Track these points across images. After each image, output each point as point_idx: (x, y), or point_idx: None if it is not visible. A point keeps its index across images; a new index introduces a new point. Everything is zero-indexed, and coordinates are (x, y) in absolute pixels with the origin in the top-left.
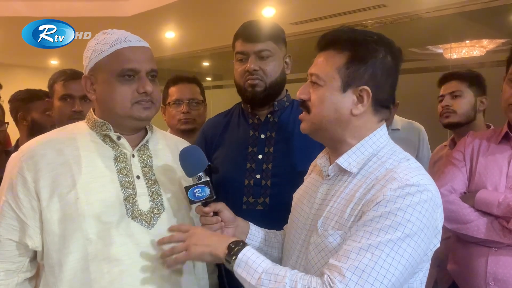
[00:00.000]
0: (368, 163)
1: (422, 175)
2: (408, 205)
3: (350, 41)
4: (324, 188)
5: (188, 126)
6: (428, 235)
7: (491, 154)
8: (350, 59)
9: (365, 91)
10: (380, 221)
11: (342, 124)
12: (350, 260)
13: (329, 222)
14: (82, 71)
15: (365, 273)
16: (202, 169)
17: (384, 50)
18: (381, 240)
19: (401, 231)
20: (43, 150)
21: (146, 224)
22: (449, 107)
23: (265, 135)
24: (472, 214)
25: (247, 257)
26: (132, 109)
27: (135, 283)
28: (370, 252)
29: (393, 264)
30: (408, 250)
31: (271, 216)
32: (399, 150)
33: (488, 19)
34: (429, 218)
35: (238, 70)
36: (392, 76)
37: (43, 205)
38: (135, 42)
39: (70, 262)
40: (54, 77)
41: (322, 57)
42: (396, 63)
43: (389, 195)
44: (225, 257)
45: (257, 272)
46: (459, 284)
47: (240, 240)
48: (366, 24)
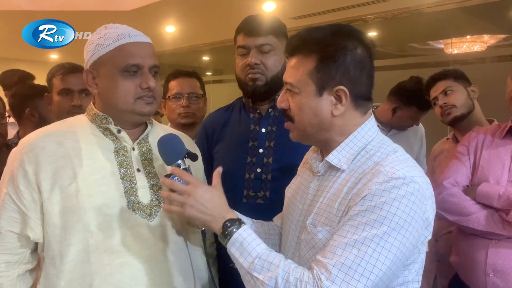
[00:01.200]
0: (356, 157)
1: (409, 167)
2: (394, 199)
3: (316, 42)
4: (315, 184)
5: (188, 120)
6: (416, 228)
7: (494, 148)
8: (319, 61)
9: (341, 90)
10: (365, 216)
11: (325, 127)
12: (336, 256)
13: (319, 219)
14: (80, 65)
15: (351, 269)
16: (180, 157)
17: (353, 43)
18: (367, 235)
19: (387, 225)
20: (43, 142)
21: (146, 216)
22: (447, 104)
23: (266, 129)
24: (473, 207)
25: (242, 237)
26: (135, 104)
27: (136, 274)
28: (356, 248)
29: (380, 259)
30: (395, 244)
31: (271, 210)
32: (388, 142)
33: (489, 14)
34: (417, 211)
35: (239, 64)
36: (367, 67)
37: (44, 197)
38: (138, 37)
39: (71, 254)
40: (53, 71)
41: (292, 63)
42: (369, 53)
43: (374, 189)
44: (220, 234)
45: (251, 256)
46: (460, 275)
47: (237, 218)
48: (367, 19)
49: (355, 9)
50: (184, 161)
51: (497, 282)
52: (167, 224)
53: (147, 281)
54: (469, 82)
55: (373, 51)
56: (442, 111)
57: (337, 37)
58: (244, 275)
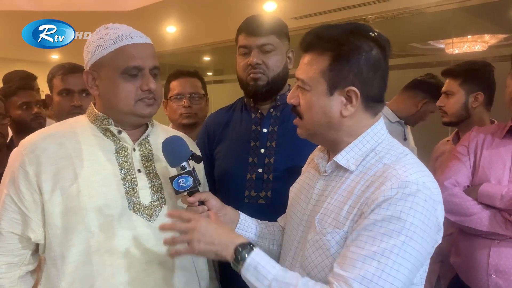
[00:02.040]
0: (366, 158)
1: (421, 172)
2: (410, 207)
3: (331, 41)
4: (321, 184)
5: (190, 120)
6: (430, 234)
7: (495, 148)
8: (332, 60)
9: (352, 91)
10: (383, 226)
11: (334, 127)
12: (356, 269)
13: (326, 219)
14: (81, 65)
15: (372, 282)
16: (184, 159)
17: (369, 44)
18: (386, 246)
19: (404, 235)
20: (44, 143)
21: (147, 217)
22: (441, 107)
23: (268, 129)
24: (475, 207)
25: (256, 262)
26: (136, 106)
27: (138, 275)
28: (376, 260)
29: (400, 270)
30: (413, 253)
31: (273, 210)
32: (397, 144)
33: (490, 14)
34: (430, 217)
35: (241, 64)
36: (381, 69)
37: (45, 198)
38: (139, 38)
39: (73, 254)
40: (53, 71)
41: (305, 60)
42: (384, 55)
43: (389, 195)
44: (232, 260)
45: (267, 280)
46: (461, 276)
47: (247, 241)
48: (368, 19)
49: (356, 9)
50: (189, 163)
51: (499, 283)
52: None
53: (149, 281)
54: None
55: (388, 53)
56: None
57: (353, 37)
58: None
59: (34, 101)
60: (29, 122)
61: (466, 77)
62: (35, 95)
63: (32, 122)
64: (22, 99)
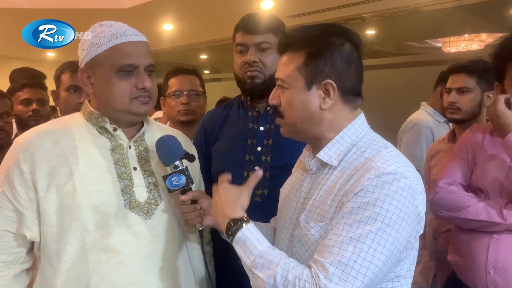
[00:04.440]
0: (348, 154)
1: (400, 163)
2: (386, 195)
3: (304, 39)
4: (308, 182)
5: (188, 117)
6: (409, 223)
7: (493, 147)
8: (307, 56)
9: (329, 84)
10: (359, 213)
11: (315, 121)
12: (333, 255)
13: (312, 215)
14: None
15: (348, 266)
16: (178, 158)
17: (339, 40)
18: (361, 232)
19: (380, 221)
20: (39, 141)
21: (143, 215)
22: (454, 104)
23: (264, 127)
24: (471, 200)
25: (245, 236)
26: (131, 104)
27: (134, 273)
28: (351, 245)
29: (375, 255)
30: (389, 239)
31: (269, 208)
32: (378, 138)
33: (487, 13)
34: (409, 206)
35: (238, 62)
36: (354, 63)
37: (40, 196)
38: (134, 36)
39: (68, 252)
40: (62, 67)
41: (283, 60)
42: (356, 49)
43: (366, 184)
44: (225, 234)
45: (253, 254)
46: (458, 273)
47: (240, 217)
48: (365, 18)
49: (352, 7)
50: (182, 162)
51: (497, 280)
52: (165, 222)
53: (145, 279)
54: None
55: (361, 48)
56: (447, 106)
57: (324, 34)
58: (247, 272)
59: (36, 98)
60: (26, 119)
61: (483, 75)
62: (40, 92)
63: (29, 118)
64: (25, 95)
